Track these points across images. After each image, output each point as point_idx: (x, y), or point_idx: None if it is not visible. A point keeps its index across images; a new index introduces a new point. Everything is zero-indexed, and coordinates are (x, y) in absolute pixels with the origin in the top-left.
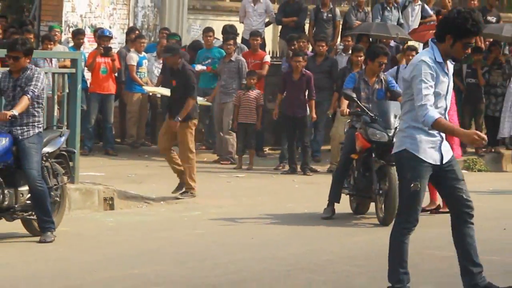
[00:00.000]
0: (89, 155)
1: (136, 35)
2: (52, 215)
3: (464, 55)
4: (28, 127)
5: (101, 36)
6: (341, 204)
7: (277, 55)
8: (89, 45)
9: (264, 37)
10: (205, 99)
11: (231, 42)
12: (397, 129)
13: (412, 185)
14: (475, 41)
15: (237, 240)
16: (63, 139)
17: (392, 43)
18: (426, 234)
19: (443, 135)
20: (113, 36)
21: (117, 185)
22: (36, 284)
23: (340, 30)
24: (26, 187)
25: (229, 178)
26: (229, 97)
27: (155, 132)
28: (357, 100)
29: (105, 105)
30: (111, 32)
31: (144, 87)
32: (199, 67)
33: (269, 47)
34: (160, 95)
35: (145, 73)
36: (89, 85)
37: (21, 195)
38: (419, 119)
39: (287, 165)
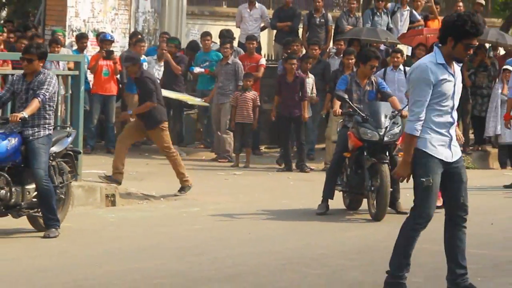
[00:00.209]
0: (91, 153)
1: (136, 39)
2: (57, 212)
3: (466, 55)
4: (39, 129)
5: (103, 40)
6: (335, 200)
7: (272, 58)
8: (92, 49)
9: (260, 41)
10: (203, 100)
11: (228, 46)
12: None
13: (424, 180)
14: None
15: (234, 235)
16: (70, 139)
17: (382, 47)
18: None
19: (453, 134)
20: (115, 40)
21: None
22: (40, 277)
23: (332, 35)
24: (33, 185)
25: (226, 176)
26: (226, 98)
27: None
28: (349, 101)
29: (107, 106)
30: (112, 36)
31: None
32: (197, 69)
33: (264, 51)
34: None
35: None
36: (91, 86)
37: (28, 193)
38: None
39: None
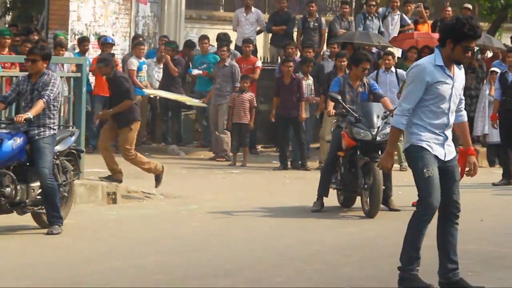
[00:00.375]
0: (93, 153)
1: (136, 42)
2: (60, 210)
3: (464, 58)
4: (44, 128)
5: (104, 43)
6: (329, 198)
7: (268, 60)
8: (93, 51)
9: (256, 44)
10: (201, 101)
11: (225, 49)
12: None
13: (425, 171)
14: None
15: (231, 232)
16: (73, 138)
17: (374, 49)
18: None
19: (448, 135)
20: (116, 43)
21: None
22: (43, 272)
23: (326, 38)
24: (37, 183)
25: (224, 174)
26: (223, 99)
27: (154, 131)
28: (342, 102)
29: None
30: (113, 39)
31: (144, 90)
32: (195, 71)
33: (260, 53)
34: (159, 97)
35: (144, 77)
36: (93, 88)
37: (32, 190)
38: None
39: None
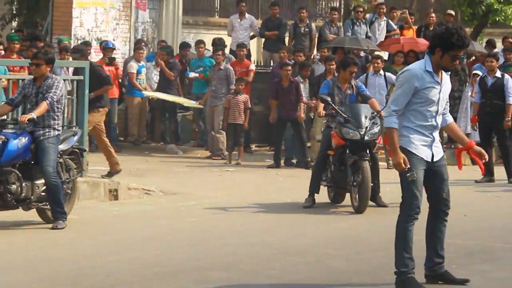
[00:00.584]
0: (95, 151)
1: (135, 47)
2: (64, 206)
3: (452, 65)
4: (49, 129)
5: (106, 48)
6: (320, 194)
7: (261, 64)
8: (95, 55)
9: (249, 48)
10: (198, 103)
11: (220, 53)
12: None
13: (409, 174)
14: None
15: (228, 227)
16: (76, 138)
17: (362, 53)
18: None
19: (435, 136)
20: (116, 48)
21: (120, 178)
22: (48, 266)
23: (316, 43)
24: (42, 181)
25: (220, 172)
26: (219, 100)
27: (154, 131)
28: (332, 104)
29: (109, 108)
30: (114, 44)
31: (143, 92)
32: (192, 74)
33: (254, 57)
34: (156, 98)
35: (144, 79)
36: None
37: (37, 187)
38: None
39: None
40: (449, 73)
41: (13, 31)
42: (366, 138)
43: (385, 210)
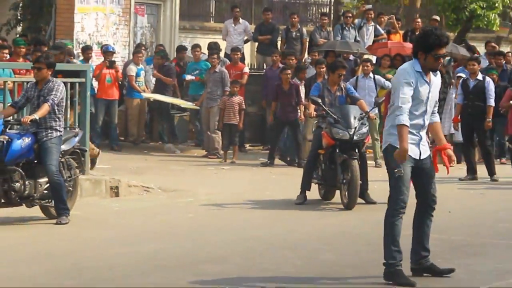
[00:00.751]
0: None
1: (135, 50)
2: (67, 202)
3: (437, 65)
4: (51, 130)
5: (106, 52)
6: (311, 192)
7: (254, 67)
8: (96, 59)
9: (243, 52)
10: (194, 104)
11: (215, 56)
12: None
13: (397, 170)
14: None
15: (223, 222)
16: (77, 139)
17: (351, 57)
18: None
19: (423, 135)
20: (116, 51)
21: (121, 175)
22: (52, 259)
23: (307, 47)
24: (44, 179)
25: (216, 170)
26: (214, 102)
27: (152, 131)
28: (322, 105)
29: (110, 109)
30: (114, 48)
31: (142, 93)
32: (189, 77)
33: (247, 60)
34: (153, 99)
35: (142, 82)
36: (96, 92)
37: (40, 185)
38: (395, 116)
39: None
40: (437, 74)
41: (17, 35)
42: (355, 138)
43: (373, 206)
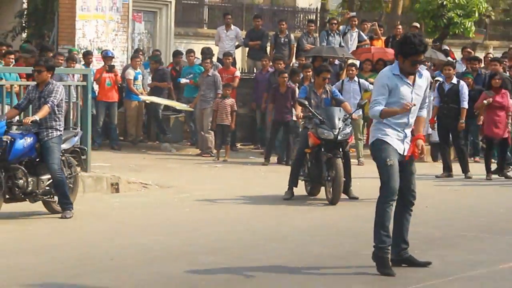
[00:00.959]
0: (98, 149)
1: (133, 55)
2: (70, 197)
3: (414, 69)
4: (52, 130)
5: (106, 56)
6: (298, 188)
7: (245, 71)
8: (96, 63)
9: (235, 57)
10: (188, 106)
11: (208, 61)
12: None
13: (387, 160)
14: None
15: (216, 216)
16: (76, 138)
17: (337, 62)
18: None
19: (407, 133)
20: (115, 56)
21: (121, 173)
22: (57, 250)
23: (295, 52)
24: (46, 176)
25: (209, 168)
26: (207, 104)
27: (150, 131)
28: (308, 107)
29: (110, 111)
30: (113, 53)
31: (140, 96)
32: (183, 80)
33: (239, 65)
34: (150, 101)
35: (140, 85)
36: (97, 95)
37: (42, 182)
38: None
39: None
40: (422, 75)
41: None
42: (339, 137)
43: (355, 202)
